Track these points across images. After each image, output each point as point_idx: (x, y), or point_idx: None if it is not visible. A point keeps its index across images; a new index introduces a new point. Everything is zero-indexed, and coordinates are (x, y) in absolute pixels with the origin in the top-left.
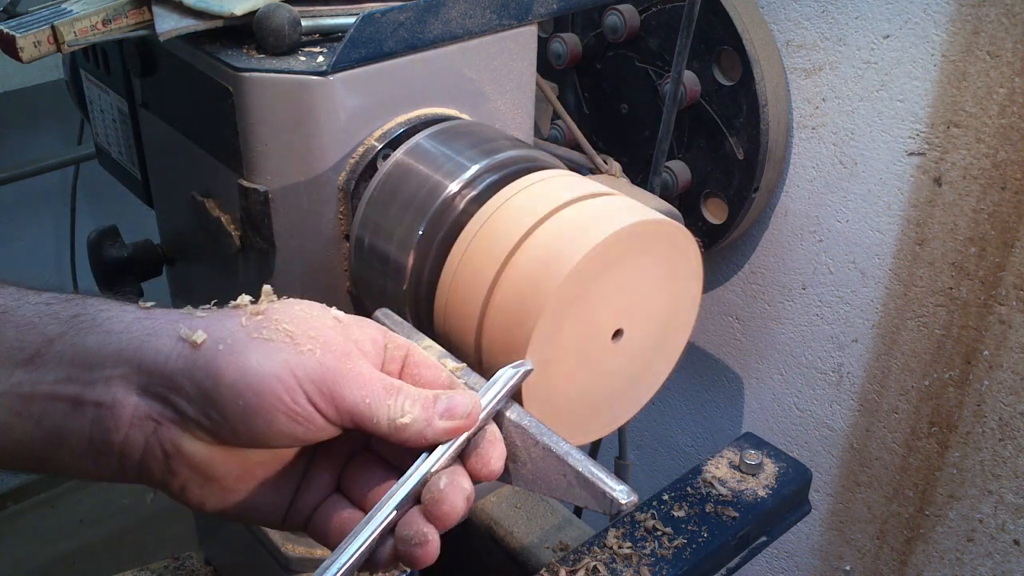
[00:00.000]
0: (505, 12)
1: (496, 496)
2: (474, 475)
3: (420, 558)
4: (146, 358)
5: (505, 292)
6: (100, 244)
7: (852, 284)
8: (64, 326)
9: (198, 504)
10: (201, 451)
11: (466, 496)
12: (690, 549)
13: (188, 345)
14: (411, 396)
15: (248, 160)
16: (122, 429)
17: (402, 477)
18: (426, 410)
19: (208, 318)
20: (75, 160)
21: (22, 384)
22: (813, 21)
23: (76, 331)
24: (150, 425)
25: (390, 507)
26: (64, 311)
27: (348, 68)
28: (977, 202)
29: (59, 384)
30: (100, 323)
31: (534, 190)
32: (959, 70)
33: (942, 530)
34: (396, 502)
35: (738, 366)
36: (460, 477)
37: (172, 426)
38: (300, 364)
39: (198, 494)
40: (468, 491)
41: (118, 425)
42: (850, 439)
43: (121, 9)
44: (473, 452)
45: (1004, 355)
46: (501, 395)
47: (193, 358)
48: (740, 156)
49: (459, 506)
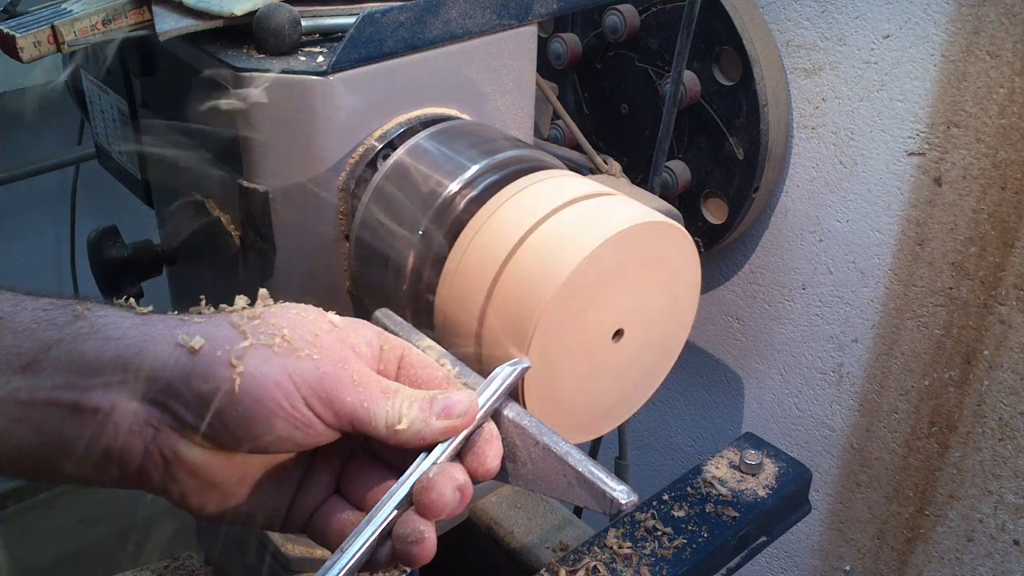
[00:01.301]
0: (505, 12)
1: (496, 496)
2: (472, 473)
3: (416, 556)
4: (144, 364)
5: (505, 292)
6: (100, 244)
7: (852, 284)
8: (61, 332)
9: (198, 509)
10: (200, 457)
11: (456, 485)
12: (690, 549)
13: (186, 351)
14: (408, 397)
15: (248, 160)
16: (121, 435)
17: (401, 477)
18: (423, 411)
19: (205, 324)
20: (75, 160)
21: (20, 390)
22: (813, 21)
23: (73, 337)
24: (149, 431)
25: (390, 507)
26: (61, 317)
27: (348, 68)
28: (977, 202)
29: (57, 390)
30: (98, 329)
31: (534, 190)
32: (959, 70)
33: (942, 530)
34: (396, 502)
35: (738, 366)
36: (452, 469)
37: (171, 432)
38: (298, 369)
39: (198, 499)
40: (459, 481)
41: (117, 431)
42: (850, 439)
43: (121, 9)
44: (470, 451)
45: (1004, 355)
46: (499, 393)
47: (191, 364)
48: (740, 156)
49: (447, 494)
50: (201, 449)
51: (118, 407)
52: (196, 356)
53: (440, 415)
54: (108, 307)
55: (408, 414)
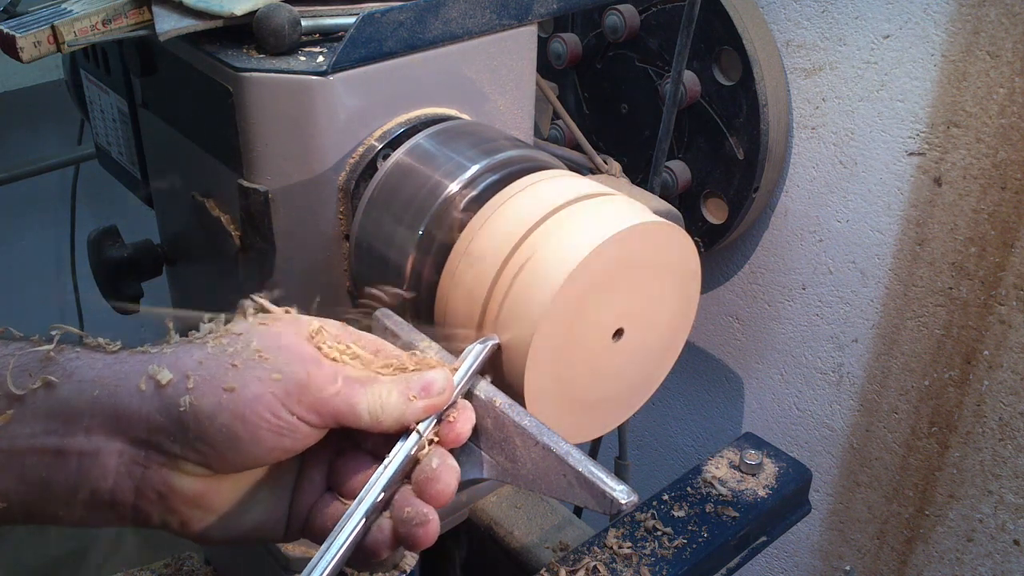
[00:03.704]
0: (505, 12)
1: (496, 496)
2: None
3: (422, 538)
4: (120, 405)
5: (505, 292)
6: (100, 244)
7: (852, 284)
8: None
9: (201, 536)
10: (195, 485)
11: (457, 474)
12: (690, 549)
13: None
14: (386, 384)
15: (248, 160)
16: (109, 476)
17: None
18: (402, 395)
19: (175, 352)
20: (75, 160)
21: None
22: (813, 21)
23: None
24: (138, 470)
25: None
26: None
27: (348, 68)
28: (977, 202)
29: (37, 437)
30: (71, 372)
31: (534, 190)
32: (959, 70)
33: (942, 530)
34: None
35: (738, 366)
36: (448, 457)
37: (160, 468)
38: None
39: (200, 526)
40: (457, 469)
41: (105, 472)
42: (850, 439)
43: (121, 9)
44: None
45: (1004, 355)
46: (472, 369)
47: (169, 396)
48: (740, 156)
49: (452, 484)
50: (194, 477)
51: (103, 449)
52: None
53: (419, 395)
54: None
55: (388, 400)
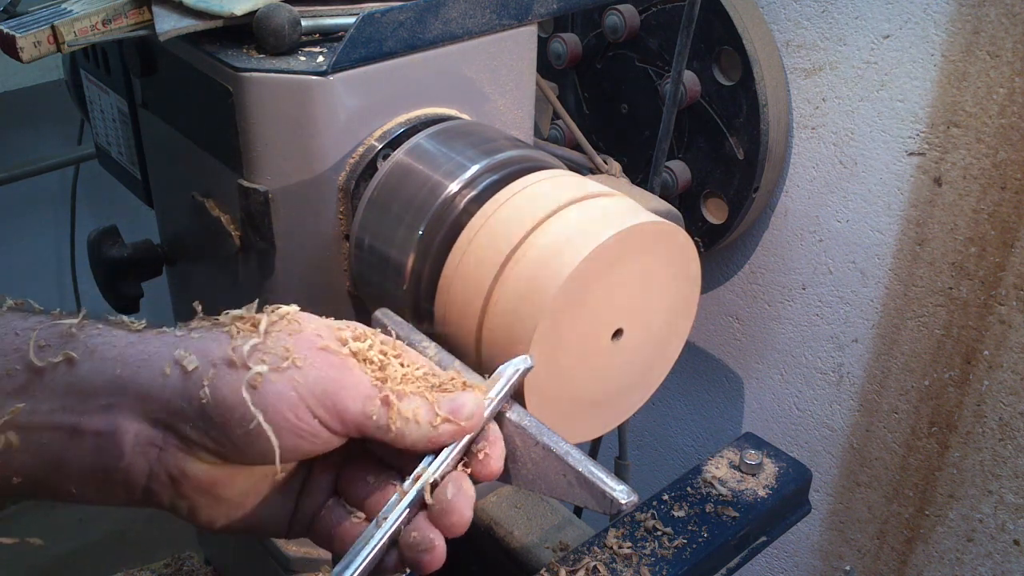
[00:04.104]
0: (505, 12)
1: (496, 496)
2: (474, 475)
3: (428, 564)
4: (143, 386)
5: (505, 292)
6: (100, 244)
7: (852, 284)
8: (54, 354)
9: (207, 523)
10: (207, 472)
11: (472, 502)
12: (690, 549)
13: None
14: (415, 401)
15: (248, 160)
16: (125, 456)
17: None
18: (430, 414)
19: (203, 339)
20: (75, 160)
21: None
22: (813, 21)
23: (68, 359)
24: (153, 451)
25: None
26: (53, 337)
27: (348, 68)
28: (977, 202)
29: (55, 414)
30: (92, 349)
31: (534, 190)
32: (959, 70)
33: (942, 530)
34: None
35: (738, 366)
36: (465, 483)
37: (176, 451)
38: (301, 379)
39: (207, 514)
40: (473, 497)
41: (120, 452)
42: (850, 439)
43: (121, 9)
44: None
45: (1004, 355)
46: (503, 394)
47: (192, 381)
48: (740, 156)
49: (467, 515)
50: (208, 465)
51: (120, 428)
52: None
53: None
54: (100, 325)
55: (415, 418)
